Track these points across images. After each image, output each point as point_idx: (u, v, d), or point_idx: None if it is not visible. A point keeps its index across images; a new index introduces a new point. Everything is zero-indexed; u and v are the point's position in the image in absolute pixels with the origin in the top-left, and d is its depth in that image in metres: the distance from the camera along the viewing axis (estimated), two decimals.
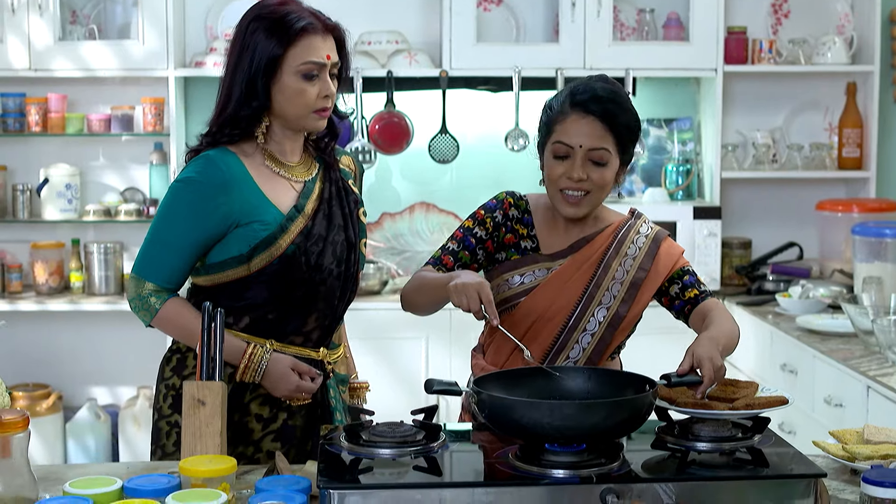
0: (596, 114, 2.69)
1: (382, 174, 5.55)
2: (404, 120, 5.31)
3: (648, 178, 5.53)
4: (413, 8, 5.45)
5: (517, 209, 2.86)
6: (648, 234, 2.85)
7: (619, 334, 2.80)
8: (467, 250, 2.83)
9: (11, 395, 5.28)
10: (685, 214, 5.16)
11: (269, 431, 2.76)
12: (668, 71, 5.30)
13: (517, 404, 2.27)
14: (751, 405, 2.44)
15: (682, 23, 5.33)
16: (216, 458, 2.26)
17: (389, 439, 2.36)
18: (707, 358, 2.44)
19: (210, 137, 2.73)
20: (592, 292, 2.78)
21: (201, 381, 2.40)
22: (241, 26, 2.72)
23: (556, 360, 2.77)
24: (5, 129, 5.25)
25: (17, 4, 5.07)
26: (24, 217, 5.30)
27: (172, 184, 2.73)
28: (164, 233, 2.70)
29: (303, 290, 2.73)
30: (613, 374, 2.56)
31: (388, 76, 5.24)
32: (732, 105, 5.51)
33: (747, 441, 2.39)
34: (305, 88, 2.67)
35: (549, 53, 5.24)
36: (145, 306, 2.71)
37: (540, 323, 2.78)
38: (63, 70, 5.15)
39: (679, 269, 2.83)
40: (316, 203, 2.76)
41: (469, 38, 5.20)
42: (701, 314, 2.75)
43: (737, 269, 5.32)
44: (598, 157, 2.70)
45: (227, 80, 2.72)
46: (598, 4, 5.17)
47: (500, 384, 2.42)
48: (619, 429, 2.29)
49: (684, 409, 2.44)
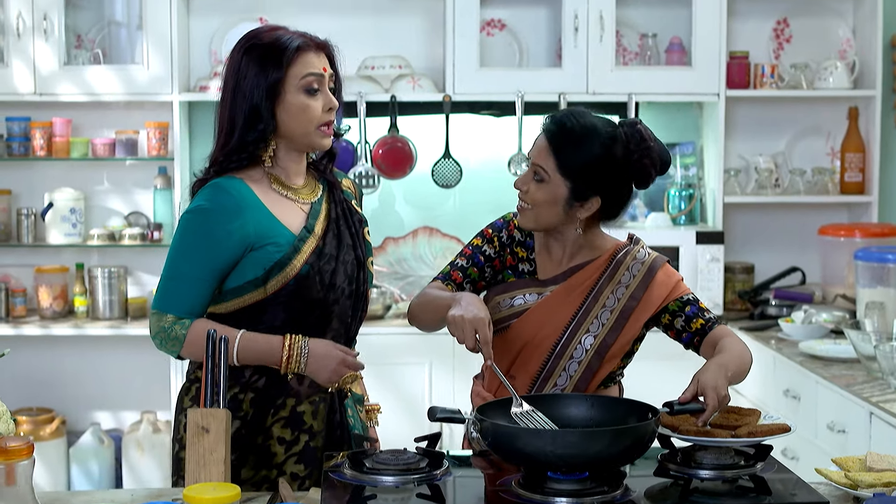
0: (546, 133, 2.76)
1: (386, 199, 5.56)
2: (408, 145, 5.32)
3: (651, 202, 5.54)
4: (416, 33, 5.47)
5: (520, 232, 2.89)
6: (644, 261, 2.84)
7: (606, 363, 2.79)
8: (476, 267, 2.88)
9: (16, 420, 5.27)
10: (688, 239, 5.17)
11: (291, 454, 2.77)
12: (671, 96, 5.32)
13: (520, 432, 2.28)
14: (753, 433, 2.45)
15: (684, 47, 5.36)
16: (220, 486, 2.25)
17: (393, 467, 2.37)
18: (712, 387, 2.45)
19: (218, 166, 2.76)
20: (581, 319, 2.78)
21: (205, 408, 2.41)
22: (235, 56, 2.76)
23: (544, 386, 2.77)
24: (10, 153, 5.27)
25: (22, 29, 5.09)
26: (28, 241, 5.31)
27: (183, 215, 2.75)
28: (180, 265, 2.72)
29: (318, 310, 2.76)
30: (616, 401, 2.57)
31: (391, 101, 5.26)
32: (735, 130, 5.52)
33: (750, 469, 2.40)
34: (309, 103, 2.72)
35: (552, 78, 5.26)
36: (172, 336, 2.71)
37: (529, 348, 2.79)
38: (68, 94, 5.17)
39: (678, 300, 2.81)
40: (325, 223, 2.80)
41: (472, 62, 5.22)
42: (712, 343, 2.74)
43: (739, 294, 5.33)
44: (538, 172, 2.75)
45: (226, 110, 2.75)
46: (600, 29, 5.19)
47: (503, 412, 2.43)
48: (622, 457, 2.30)
49: (687, 437, 2.44)
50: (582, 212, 2.76)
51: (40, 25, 5.10)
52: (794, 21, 5.53)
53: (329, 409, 2.81)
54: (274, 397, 2.76)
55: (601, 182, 2.73)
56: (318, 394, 2.79)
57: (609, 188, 2.75)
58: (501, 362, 2.78)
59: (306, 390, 2.78)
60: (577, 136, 2.71)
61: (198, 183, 2.79)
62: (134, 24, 5.35)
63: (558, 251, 2.84)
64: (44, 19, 5.10)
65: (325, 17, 5.42)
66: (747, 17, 5.50)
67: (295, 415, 2.77)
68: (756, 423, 2.54)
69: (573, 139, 2.71)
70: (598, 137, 2.72)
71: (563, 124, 2.74)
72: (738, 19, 5.47)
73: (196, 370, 2.82)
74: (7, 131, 5.27)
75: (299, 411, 2.77)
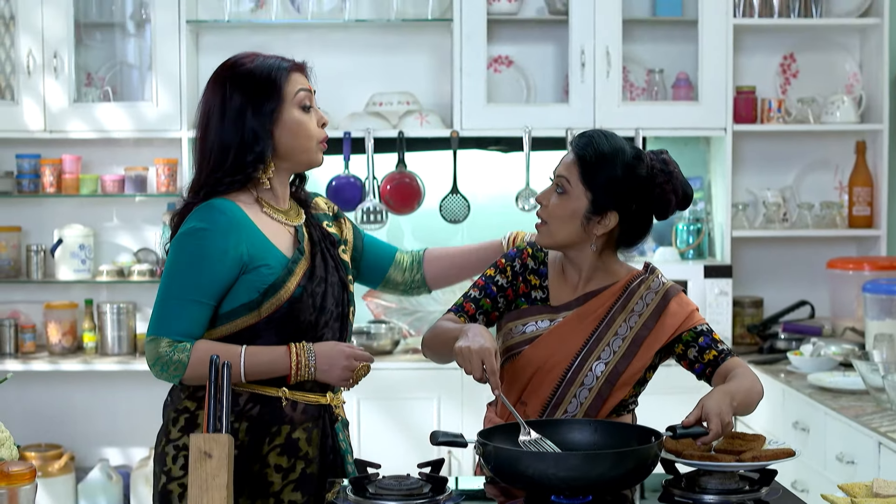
0: (574, 146, 2.78)
1: (394, 234, 5.57)
2: (415, 180, 5.34)
3: (659, 237, 5.54)
4: (424, 70, 5.50)
5: (534, 260, 2.90)
6: (658, 290, 2.84)
7: (617, 391, 2.77)
8: (489, 297, 2.88)
9: (23, 455, 5.28)
10: (696, 273, 5.17)
11: (289, 482, 2.77)
12: (678, 130, 5.33)
13: (522, 455, 2.28)
14: (757, 457, 2.44)
15: (691, 83, 5.37)
16: None
17: (396, 492, 2.37)
18: (715, 413, 2.44)
19: (209, 188, 2.74)
20: (592, 346, 2.77)
21: (208, 433, 2.40)
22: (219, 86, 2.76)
23: (555, 413, 2.76)
24: (20, 189, 5.30)
25: (32, 66, 5.14)
26: (37, 277, 5.33)
27: (177, 237, 2.73)
28: (175, 287, 2.70)
29: (310, 333, 2.77)
30: (619, 426, 2.56)
31: (399, 136, 5.28)
32: (742, 164, 5.53)
33: (754, 493, 2.39)
34: (305, 120, 2.77)
35: (560, 113, 5.28)
36: (174, 361, 2.68)
37: (540, 374, 2.79)
38: (77, 131, 5.21)
39: (691, 330, 2.80)
40: (310, 245, 2.82)
41: (479, 98, 5.25)
42: (723, 374, 2.73)
43: (748, 327, 5.32)
44: (561, 182, 2.76)
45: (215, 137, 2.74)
46: (607, 65, 5.22)
47: (506, 436, 2.43)
48: (624, 480, 2.29)
49: (691, 462, 2.44)
50: (599, 227, 2.77)
51: (50, 63, 5.14)
52: (801, 56, 5.55)
53: (322, 434, 2.81)
54: (269, 424, 2.75)
55: (621, 198, 2.75)
56: (310, 420, 2.79)
57: (627, 206, 2.76)
58: (512, 389, 2.78)
59: (300, 416, 2.78)
60: (605, 150, 2.75)
61: (185, 207, 2.76)
62: (144, 63, 5.39)
63: (573, 275, 2.85)
64: (54, 57, 5.14)
65: (334, 54, 5.46)
66: (754, 52, 5.52)
67: (290, 441, 2.76)
68: (761, 448, 2.53)
69: (600, 153, 2.74)
70: (624, 155, 2.76)
71: (592, 139, 2.77)
72: (744, 54, 5.49)
73: (184, 400, 2.79)
74: (17, 168, 5.30)
75: (294, 437, 2.77)
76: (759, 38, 5.50)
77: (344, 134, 5.26)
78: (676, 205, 2.79)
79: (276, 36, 5.45)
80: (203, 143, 2.76)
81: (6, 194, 5.30)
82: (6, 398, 5.37)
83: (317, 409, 2.81)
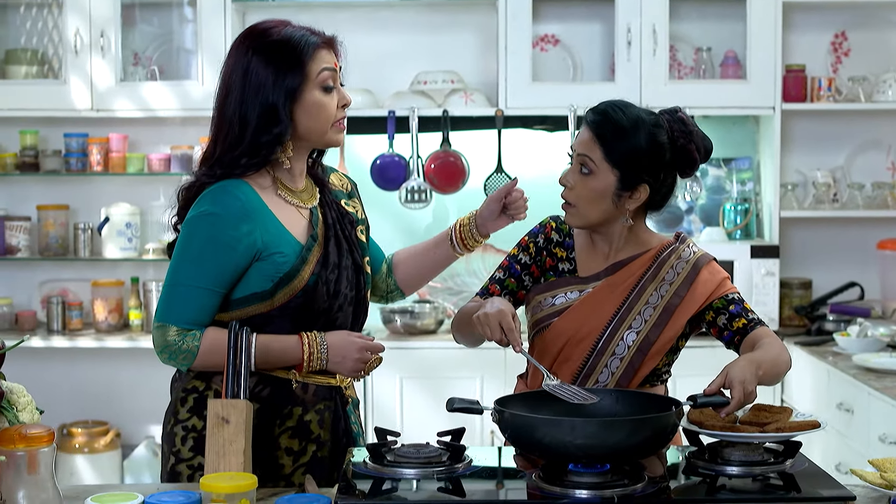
0: (589, 123, 2.73)
1: (440, 214, 5.55)
2: (460, 159, 5.31)
3: (707, 217, 5.48)
4: (470, 48, 5.48)
5: (559, 233, 2.87)
6: (689, 259, 2.79)
7: (648, 360, 2.73)
8: (513, 277, 2.86)
9: (70, 430, 5.34)
10: (743, 253, 5.10)
11: (300, 465, 2.70)
12: (725, 109, 5.26)
13: (538, 422, 2.24)
14: (781, 429, 2.40)
15: (739, 61, 5.30)
16: (237, 475, 2.25)
17: (414, 460, 2.35)
18: (739, 380, 2.39)
19: (224, 168, 2.64)
20: (623, 315, 2.74)
21: (226, 398, 2.40)
22: (242, 53, 2.64)
23: (586, 383, 2.72)
24: (68, 168, 5.34)
25: (80, 46, 5.17)
26: (85, 255, 5.38)
27: (188, 220, 2.63)
28: (184, 273, 2.61)
29: (323, 319, 2.70)
30: (641, 395, 2.52)
31: (443, 115, 5.26)
32: (792, 144, 5.45)
33: (779, 465, 2.35)
34: (325, 101, 2.65)
35: (605, 92, 5.13)
36: (183, 349, 2.61)
37: (570, 345, 2.75)
38: (124, 110, 5.24)
39: (722, 298, 2.76)
40: (324, 229, 2.73)
41: (524, 77, 5.21)
42: (751, 343, 2.68)
43: (796, 309, 5.24)
44: (585, 163, 2.72)
45: (235, 108, 2.63)
46: (653, 43, 5.16)
47: (525, 404, 2.40)
48: (642, 448, 2.26)
49: (713, 433, 2.40)
50: (631, 202, 2.74)
51: (97, 42, 5.18)
52: (853, 34, 5.45)
53: (334, 416, 2.74)
54: (280, 407, 2.69)
55: (649, 169, 2.72)
56: (322, 402, 2.72)
57: (656, 175, 2.73)
58: (543, 361, 2.75)
59: (311, 398, 2.71)
60: (623, 124, 2.70)
61: (198, 186, 2.66)
62: (191, 42, 5.41)
63: (603, 247, 2.82)
64: (101, 36, 5.17)
65: (379, 33, 5.45)
66: (804, 30, 5.43)
67: (302, 424, 2.70)
68: (787, 420, 2.48)
69: (619, 127, 2.70)
70: (643, 125, 2.72)
71: (608, 114, 2.72)
72: (794, 32, 5.41)
73: (192, 379, 2.72)
74: (65, 147, 5.35)
75: (306, 420, 2.70)
76: (809, 15, 5.42)
77: (388, 113, 5.25)
78: (701, 160, 2.78)
79: (321, 15, 5.44)
80: (221, 114, 2.65)
81: (55, 173, 5.35)
82: (54, 375, 5.44)
83: (328, 391, 2.74)
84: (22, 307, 5.46)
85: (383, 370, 5.04)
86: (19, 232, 5.35)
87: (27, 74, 5.32)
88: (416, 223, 5.53)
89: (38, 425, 2.28)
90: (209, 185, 2.64)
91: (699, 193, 5.36)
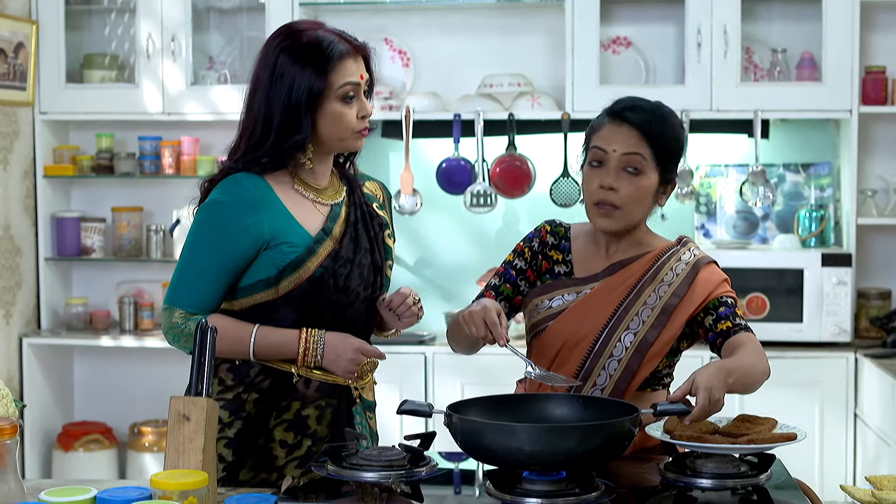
0: (632, 122, 2.65)
1: (510, 218, 5.50)
2: (526, 163, 5.25)
3: (783, 224, 5.31)
4: (539, 51, 5.41)
5: (554, 236, 2.82)
6: (689, 261, 2.72)
7: (646, 362, 2.66)
8: (508, 283, 2.82)
9: (140, 430, 5.42)
10: (813, 261, 4.92)
11: (293, 458, 2.73)
12: (800, 112, 5.10)
13: (486, 428, 2.19)
14: (753, 440, 2.29)
15: (815, 63, 5.13)
16: (189, 473, 2.24)
17: (375, 463, 2.31)
18: (705, 387, 2.30)
19: (245, 166, 2.68)
20: (621, 316, 2.67)
21: (188, 396, 2.39)
22: (271, 52, 2.69)
23: (583, 387, 2.66)
24: (142, 171, 5.43)
25: (152, 51, 5.26)
26: (157, 257, 5.46)
27: (200, 208, 2.71)
28: (192, 259, 2.68)
29: (330, 312, 2.71)
30: (609, 402, 2.44)
31: (509, 119, 5.20)
32: (873, 148, 5.25)
33: (752, 479, 2.25)
34: (345, 112, 2.68)
35: (675, 95, 5.09)
36: (185, 332, 2.67)
37: (567, 348, 2.70)
38: (194, 114, 5.30)
39: (715, 299, 2.69)
40: (343, 226, 2.75)
41: (592, 80, 5.13)
42: (731, 348, 2.59)
43: (871, 320, 5.04)
44: (633, 162, 2.64)
45: (260, 107, 2.67)
46: (724, 45, 5.03)
47: (482, 410, 2.34)
48: (595, 455, 2.18)
49: (681, 443, 2.31)
50: (663, 199, 2.74)
51: (168, 47, 5.25)
52: None
53: (335, 414, 2.75)
54: (278, 399, 2.72)
55: (678, 163, 2.74)
56: (325, 398, 2.74)
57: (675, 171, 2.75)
58: (540, 364, 2.71)
59: (313, 394, 2.73)
60: (664, 119, 2.69)
61: (220, 175, 2.71)
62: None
63: (607, 249, 2.77)
64: (172, 41, 5.25)
65: (449, 37, 5.43)
66: (886, 30, 5.23)
67: (299, 418, 2.72)
68: (769, 432, 2.38)
69: (662, 123, 2.67)
70: (674, 118, 2.73)
71: (646, 109, 2.68)
72: (875, 32, 5.21)
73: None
74: (139, 150, 5.44)
75: (304, 415, 2.72)
76: (891, 15, 5.21)
77: (454, 116, 5.21)
78: None
79: (392, 18, 5.45)
80: (249, 109, 2.71)
81: (129, 175, 5.44)
82: (126, 374, 5.55)
83: (332, 389, 2.75)
84: (97, 307, 5.57)
85: (445, 377, 5.05)
86: (94, 233, 5.46)
87: (103, 79, 5.43)
88: (486, 228, 5.49)
89: (4, 418, 2.30)
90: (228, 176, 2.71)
91: (771, 199, 5.19)
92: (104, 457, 5.40)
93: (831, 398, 4.81)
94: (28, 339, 5.30)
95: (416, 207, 5.28)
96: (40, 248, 5.43)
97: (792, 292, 4.89)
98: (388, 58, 5.47)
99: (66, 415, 5.58)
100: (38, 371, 5.36)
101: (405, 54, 5.46)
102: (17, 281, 5.31)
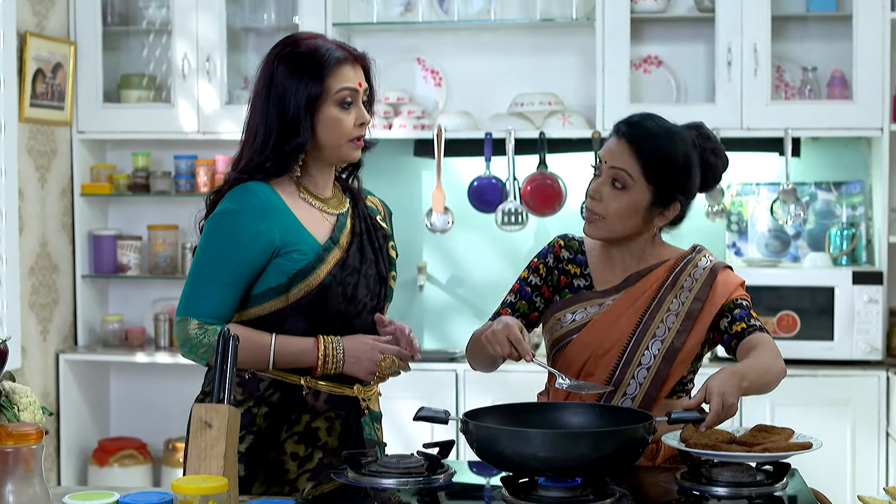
0: (626, 137, 2.68)
1: (542, 237, 5.51)
2: (557, 182, 5.28)
3: (815, 242, 5.30)
4: (569, 70, 5.44)
5: (568, 250, 2.84)
6: (706, 266, 2.76)
7: (675, 369, 2.68)
8: (524, 300, 2.84)
9: (174, 446, 5.47)
10: (844, 279, 4.90)
11: (304, 470, 2.74)
12: (831, 131, 5.09)
13: (501, 434, 2.22)
14: (768, 449, 2.31)
15: (846, 81, 5.13)
16: (210, 478, 2.27)
17: (393, 470, 2.34)
18: (718, 392, 2.32)
19: (249, 174, 2.73)
20: (647, 325, 2.69)
21: (210, 403, 2.43)
22: (270, 62, 2.75)
23: (613, 397, 2.67)
24: (177, 189, 5.50)
25: (187, 70, 5.33)
26: None
27: (210, 218, 2.74)
28: (205, 268, 2.71)
29: (339, 322, 2.74)
30: (624, 411, 2.47)
31: (540, 137, 5.23)
32: None
33: (768, 487, 2.26)
34: (342, 117, 2.72)
35: (705, 113, 5.03)
36: (203, 343, 2.69)
37: (594, 359, 2.72)
38: (229, 133, 5.36)
39: (731, 302, 2.72)
40: (349, 236, 2.79)
41: (622, 98, 5.15)
42: (746, 349, 2.62)
43: None
44: (618, 177, 2.68)
45: (261, 117, 2.73)
46: (754, 63, 5.04)
47: (501, 417, 2.37)
48: (608, 462, 2.20)
49: (696, 451, 2.32)
50: (662, 219, 2.73)
51: (203, 67, 5.32)
52: None
53: (345, 426, 2.77)
54: (288, 412, 2.74)
55: (684, 185, 2.71)
56: (334, 410, 2.76)
57: (688, 192, 2.73)
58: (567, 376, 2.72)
59: (322, 406, 2.75)
60: (661, 137, 2.69)
61: (226, 190, 2.74)
62: None
63: (620, 261, 2.79)
64: (207, 61, 5.32)
65: (480, 57, 5.47)
66: None
67: (309, 430, 2.74)
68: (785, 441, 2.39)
69: (657, 141, 2.68)
70: (679, 138, 2.72)
71: (644, 126, 2.70)
72: None
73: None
74: (175, 169, 5.51)
75: (314, 427, 2.74)
76: None
77: (485, 135, 5.25)
78: (723, 172, 2.80)
79: (424, 38, 5.50)
80: (251, 121, 2.77)
81: (164, 193, 5.51)
82: (161, 390, 5.61)
83: (342, 401, 2.77)
84: (132, 324, 5.63)
85: (476, 394, 5.07)
86: (130, 251, 5.53)
87: (140, 98, 5.51)
88: (518, 246, 5.51)
89: (30, 424, 2.35)
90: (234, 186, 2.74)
91: (802, 217, 5.19)
92: (139, 472, 5.46)
93: (863, 417, 4.79)
94: (65, 355, 5.37)
95: (447, 226, 5.32)
96: (77, 266, 5.51)
97: (823, 311, 4.88)
98: (420, 77, 5.52)
99: (102, 430, 5.64)
100: (75, 387, 5.43)
101: (437, 74, 5.51)
102: (55, 298, 5.38)
